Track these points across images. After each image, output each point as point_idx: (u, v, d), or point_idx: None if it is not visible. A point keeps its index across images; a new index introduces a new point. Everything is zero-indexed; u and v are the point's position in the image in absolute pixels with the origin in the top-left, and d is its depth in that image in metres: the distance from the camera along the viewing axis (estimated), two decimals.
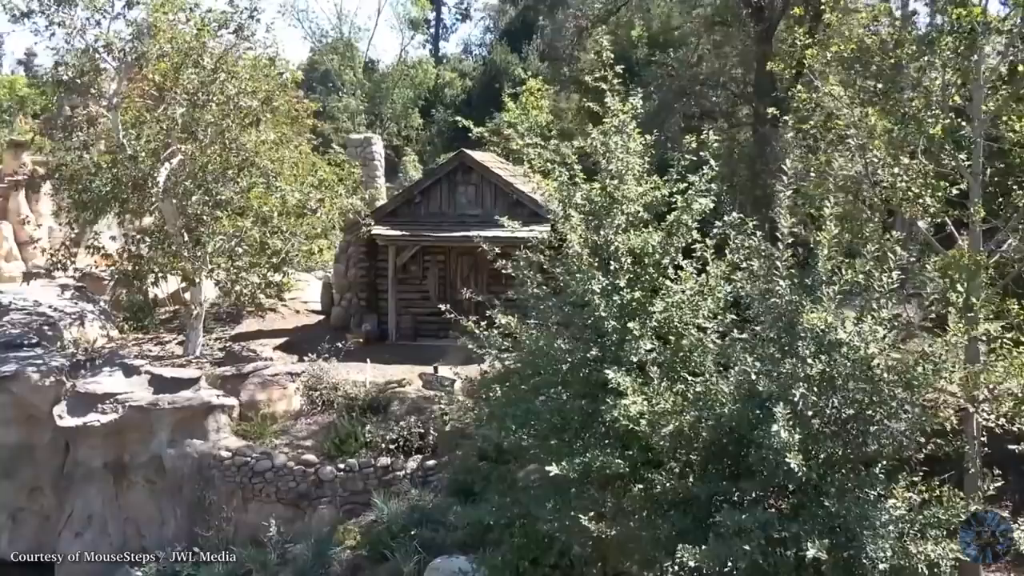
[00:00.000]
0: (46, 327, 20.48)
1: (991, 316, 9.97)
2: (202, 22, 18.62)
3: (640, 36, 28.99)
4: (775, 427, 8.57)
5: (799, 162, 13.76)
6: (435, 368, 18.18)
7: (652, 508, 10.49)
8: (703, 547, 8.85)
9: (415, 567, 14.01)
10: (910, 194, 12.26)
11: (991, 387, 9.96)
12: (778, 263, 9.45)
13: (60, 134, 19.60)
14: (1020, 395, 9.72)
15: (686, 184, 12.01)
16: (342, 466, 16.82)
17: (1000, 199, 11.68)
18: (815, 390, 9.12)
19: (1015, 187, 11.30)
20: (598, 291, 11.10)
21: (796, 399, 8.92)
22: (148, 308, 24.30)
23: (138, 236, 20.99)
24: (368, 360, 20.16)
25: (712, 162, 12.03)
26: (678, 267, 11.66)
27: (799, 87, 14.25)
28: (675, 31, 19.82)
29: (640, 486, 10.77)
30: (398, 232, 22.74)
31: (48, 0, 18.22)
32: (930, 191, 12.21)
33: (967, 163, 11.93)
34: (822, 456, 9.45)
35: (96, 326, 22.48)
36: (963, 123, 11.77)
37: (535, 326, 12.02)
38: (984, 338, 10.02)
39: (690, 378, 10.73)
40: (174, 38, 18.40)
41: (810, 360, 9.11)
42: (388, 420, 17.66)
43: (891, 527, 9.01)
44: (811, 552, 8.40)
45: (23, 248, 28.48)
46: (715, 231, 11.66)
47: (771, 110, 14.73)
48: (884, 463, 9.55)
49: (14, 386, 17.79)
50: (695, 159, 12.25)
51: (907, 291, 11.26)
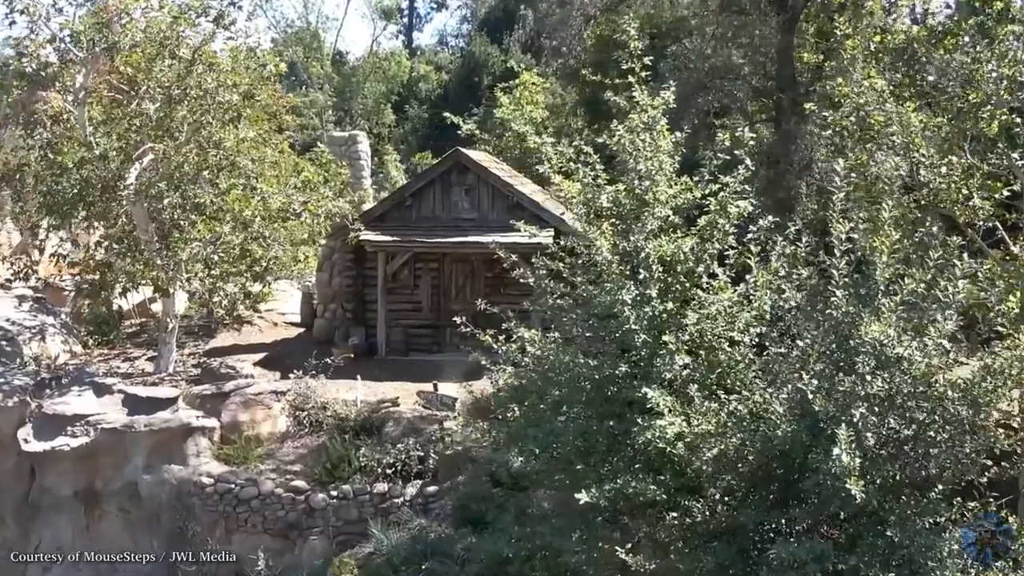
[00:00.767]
0: (3, 342, 20.11)
1: None
2: (179, 9, 18.34)
3: (643, 27, 28.89)
4: (836, 450, 8.40)
5: (828, 160, 13.66)
6: (435, 385, 17.97)
7: (691, 539, 10.30)
8: None
9: None
10: (959, 195, 12.22)
11: None
12: (834, 271, 9.30)
13: (21, 131, 19.23)
14: None
15: (719, 185, 11.87)
16: (335, 493, 16.57)
17: None
18: (875, 410, 8.97)
19: None
20: (629, 302, 10.90)
21: (856, 419, 8.76)
22: (114, 321, 23.97)
23: (105, 243, 20.62)
24: (359, 377, 19.93)
25: (748, 161, 11.88)
26: (711, 275, 11.52)
27: (839, 80, 14.14)
28: (689, 20, 19.71)
29: (674, 514, 10.61)
30: (388, 237, 22.50)
31: None
32: (981, 192, 12.18)
33: (1020, 162, 11.89)
34: (878, 481, 9.32)
35: (58, 341, 22.12)
36: (1018, 119, 11.73)
37: (555, 340, 11.85)
38: None
39: (724, 396, 10.59)
40: (148, 26, 18.13)
41: (868, 377, 8.96)
42: (384, 442, 17.43)
43: (958, 558, 8.88)
44: None
45: None
46: (750, 236, 11.55)
47: (810, 105, 14.61)
48: (944, 488, 9.42)
49: None
50: (728, 158, 12.11)
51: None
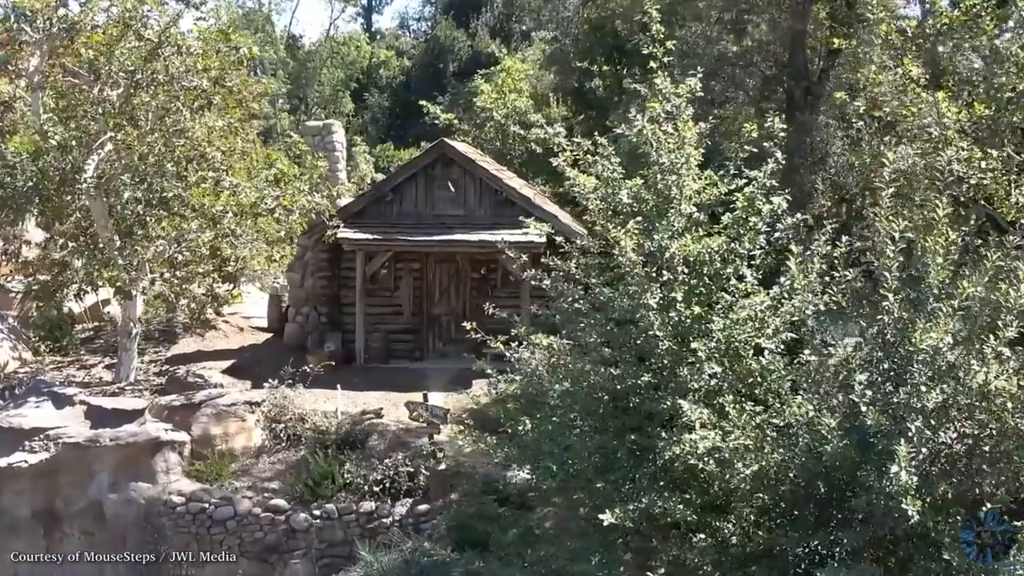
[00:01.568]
0: None
1: None
2: None
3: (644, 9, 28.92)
4: (894, 468, 8.31)
5: (844, 153, 13.60)
6: (424, 395, 17.76)
7: (724, 562, 10.19)
8: None
9: None
10: (1003, 191, 12.23)
11: None
12: (885, 273, 9.21)
13: None
14: None
15: (745, 180, 11.79)
16: (318, 512, 16.36)
17: None
18: (931, 423, 8.90)
19: None
20: (655, 306, 10.78)
21: (912, 434, 8.69)
22: (66, 326, 23.55)
23: (61, 240, 20.22)
24: (339, 386, 19.70)
25: (779, 154, 11.80)
26: (739, 278, 11.44)
27: (871, 67, 14.12)
28: (696, 2, 19.63)
29: (701, 536, 10.50)
30: (368, 235, 22.26)
31: None
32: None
33: None
34: (927, 500, 9.25)
35: (6, 347, 21.71)
36: None
37: (572, 348, 11.73)
38: None
39: (754, 407, 10.51)
40: (112, 4, 17.78)
41: (923, 388, 8.88)
42: (370, 457, 17.23)
43: None
44: None
45: None
46: (778, 234, 11.48)
47: (840, 94, 14.57)
48: (997, 506, 9.36)
49: None
50: (755, 150, 12.03)
51: None
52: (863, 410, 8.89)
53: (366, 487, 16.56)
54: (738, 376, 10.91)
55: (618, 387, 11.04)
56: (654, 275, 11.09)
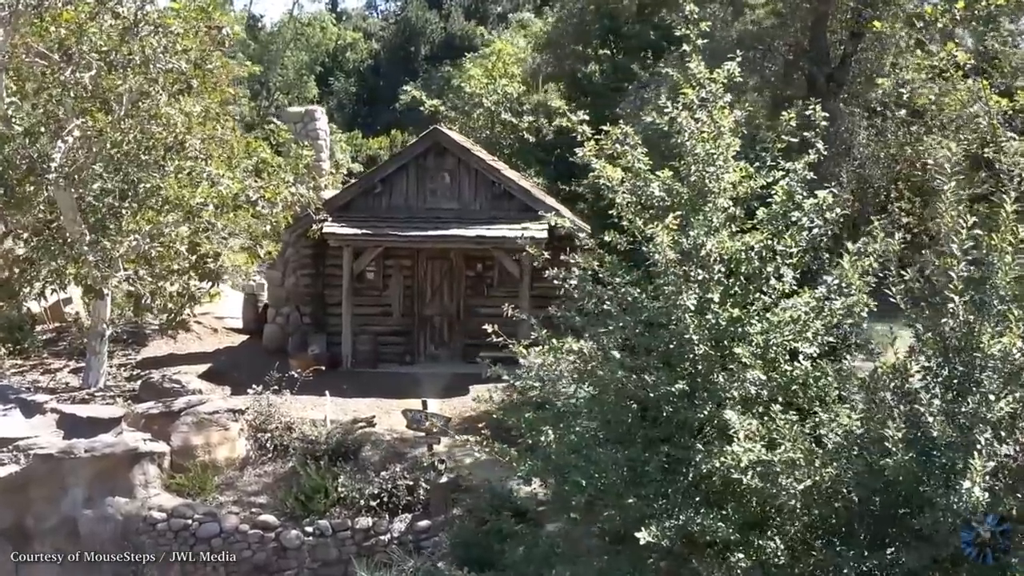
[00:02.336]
0: None
1: None
2: None
3: None
4: (965, 483, 8.22)
5: (870, 144, 13.51)
6: (424, 403, 17.58)
7: None
8: None
9: None
10: None
11: None
12: (951, 274, 9.11)
13: None
14: None
15: (783, 172, 11.69)
16: (310, 529, 16.16)
17: None
18: (1000, 435, 8.83)
19: None
20: (692, 307, 10.66)
21: (981, 446, 8.60)
22: (27, 327, 23.20)
23: (24, 234, 19.89)
24: (327, 392, 19.50)
25: (820, 145, 11.71)
26: (779, 277, 11.34)
27: (919, 53, 14.04)
28: None
29: (741, 555, 10.39)
30: (356, 230, 22.06)
31: None
32: None
33: None
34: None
35: None
36: None
37: (599, 353, 11.60)
38: None
39: (796, 416, 10.42)
40: None
41: (992, 397, 8.80)
42: (365, 469, 17.05)
43: None
44: None
45: None
46: (816, 231, 11.38)
47: (883, 81, 14.49)
48: None
49: None
50: (795, 139, 11.94)
51: None
52: (929, 421, 8.79)
53: (362, 502, 16.35)
54: (780, 383, 10.82)
55: (651, 395, 10.89)
56: (688, 275, 10.98)
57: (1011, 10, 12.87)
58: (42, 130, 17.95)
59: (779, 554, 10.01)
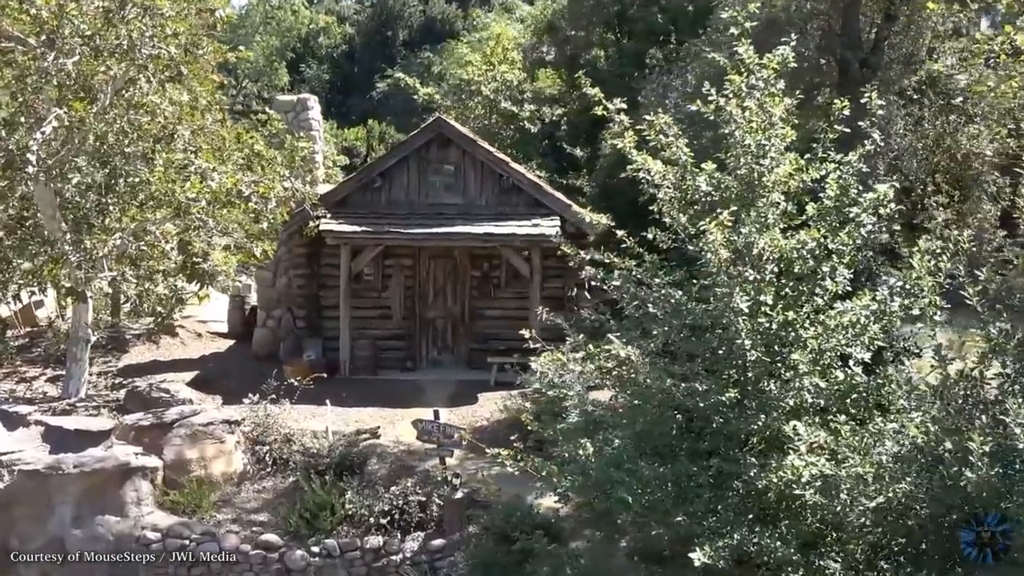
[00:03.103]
0: None
1: None
2: None
3: None
4: None
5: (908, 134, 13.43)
6: (435, 412, 17.43)
7: None
8: None
9: None
10: None
11: None
12: None
13: None
14: None
15: (835, 164, 11.59)
16: (316, 549, 15.96)
17: None
18: None
19: None
20: (745, 310, 10.54)
21: None
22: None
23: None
24: (328, 401, 19.34)
25: (876, 135, 11.62)
26: (833, 277, 11.24)
27: (979, 35, 13.96)
28: None
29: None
30: (355, 228, 21.89)
31: None
32: None
33: None
34: None
35: None
36: None
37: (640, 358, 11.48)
38: None
39: (856, 426, 10.34)
40: None
41: None
42: (373, 484, 16.90)
43: None
44: None
45: None
46: (868, 227, 11.28)
47: (938, 67, 14.42)
48: None
49: None
50: (848, 130, 11.84)
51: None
52: (1016, 432, 8.70)
53: (371, 519, 16.18)
54: (840, 390, 10.72)
55: (700, 404, 10.76)
56: (741, 275, 10.86)
57: None
58: (22, 120, 17.69)
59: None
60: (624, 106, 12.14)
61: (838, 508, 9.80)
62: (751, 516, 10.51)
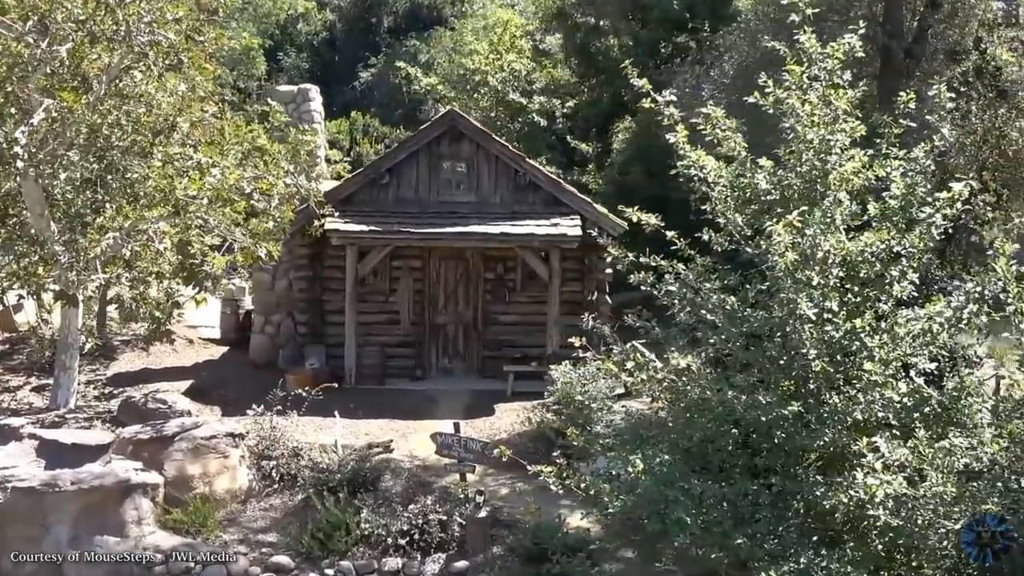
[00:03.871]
0: None
1: None
2: None
3: None
4: None
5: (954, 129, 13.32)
6: (456, 425, 17.32)
7: None
8: None
9: None
10: None
11: None
12: None
13: None
14: None
15: (899, 160, 11.50)
16: (331, 572, 15.84)
17: None
18: None
19: None
20: (812, 317, 10.44)
21: None
22: None
23: None
24: (336, 413, 19.22)
25: (945, 131, 11.54)
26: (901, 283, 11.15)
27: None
28: None
29: None
30: (362, 227, 21.75)
31: None
32: None
33: None
34: None
35: None
36: None
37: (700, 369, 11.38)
38: None
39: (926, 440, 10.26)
40: None
41: None
42: (389, 502, 16.79)
43: None
44: None
45: None
46: (939, 224, 11.18)
47: (1006, 56, 14.36)
48: None
49: None
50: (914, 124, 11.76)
51: None
52: None
53: (388, 539, 16.05)
54: (913, 403, 10.60)
55: (763, 418, 10.63)
56: (808, 280, 10.75)
57: None
58: (12, 111, 17.53)
59: None
60: (674, 98, 12.03)
61: (916, 530, 9.70)
62: (815, 538, 10.43)
